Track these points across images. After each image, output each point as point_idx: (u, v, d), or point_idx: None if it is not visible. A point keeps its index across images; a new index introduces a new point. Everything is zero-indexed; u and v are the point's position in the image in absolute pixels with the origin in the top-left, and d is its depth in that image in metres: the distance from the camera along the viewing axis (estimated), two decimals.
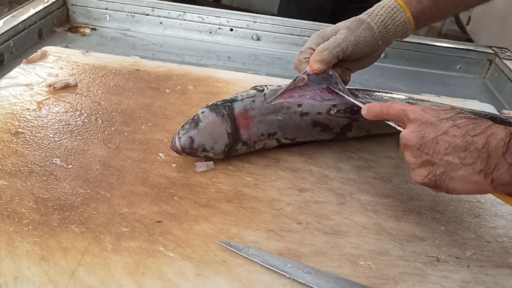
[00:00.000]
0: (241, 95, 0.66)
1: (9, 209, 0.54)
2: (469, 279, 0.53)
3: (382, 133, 0.74)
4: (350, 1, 1.62)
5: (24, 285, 0.46)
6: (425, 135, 0.52)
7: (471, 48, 1.07)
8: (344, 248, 0.55)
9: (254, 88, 0.68)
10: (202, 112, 0.64)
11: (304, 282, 0.49)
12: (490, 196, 0.65)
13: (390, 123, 0.60)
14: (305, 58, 0.68)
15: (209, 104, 0.65)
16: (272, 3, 2.48)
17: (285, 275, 0.50)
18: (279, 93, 0.66)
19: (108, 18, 1.09)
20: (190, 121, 0.64)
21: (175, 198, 0.59)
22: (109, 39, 1.06)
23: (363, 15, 0.68)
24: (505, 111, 0.90)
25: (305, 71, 0.67)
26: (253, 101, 0.66)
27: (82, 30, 1.08)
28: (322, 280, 0.49)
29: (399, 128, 0.58)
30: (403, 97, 0.76)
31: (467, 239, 0.58)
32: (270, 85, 0.68)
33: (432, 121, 0.52)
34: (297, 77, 0.67)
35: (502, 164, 0.47)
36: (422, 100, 0.79)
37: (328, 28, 0.69)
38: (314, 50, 0.67)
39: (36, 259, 0.49)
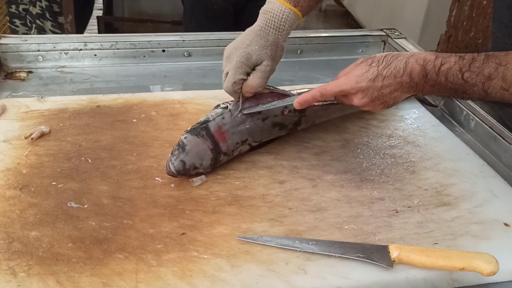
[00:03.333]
0: (211, 115, 0.79)
1: (54, 253, 0.63)
2: (422, 220, 0.72)
3: (322, 121, 0.91)
4: (249, 0, 1.78)
5: None
6: (372, 95, 0.71)
7: (367, 33, 1.28)
8: (329, 219, 0.71)
9: (219, 107, 0.81)
10: (185, 138, 0.76)
11: (312, 251, 0.64)
12: (419, 155, 0.85)
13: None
14: (238, 89, 0.79)
15: (188, 129, 0.77)
16: (163, 9, 2.53)
17: (296, 250, 0.65)
18: (240, 107, 0.79)
19: (41, 59, 1.14)
20: (176, 147, 0.75)
21: (187, 211, 0.71)
22: (48, 79, 1.10)
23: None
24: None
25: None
26: (223, 118, 0.79)
27: (17, 75, 1.12)
28: (324, 246, 0.65)
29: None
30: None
31: (411, 191, 0.77)
32: (231, 101, 0.82)
33: (368, 85, 0.71)
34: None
35: (425, 86, 0.70)
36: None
37: (251, 56, 0.78)
38: (245, 79, 0.78)
39: (100, 287, 0.59)
